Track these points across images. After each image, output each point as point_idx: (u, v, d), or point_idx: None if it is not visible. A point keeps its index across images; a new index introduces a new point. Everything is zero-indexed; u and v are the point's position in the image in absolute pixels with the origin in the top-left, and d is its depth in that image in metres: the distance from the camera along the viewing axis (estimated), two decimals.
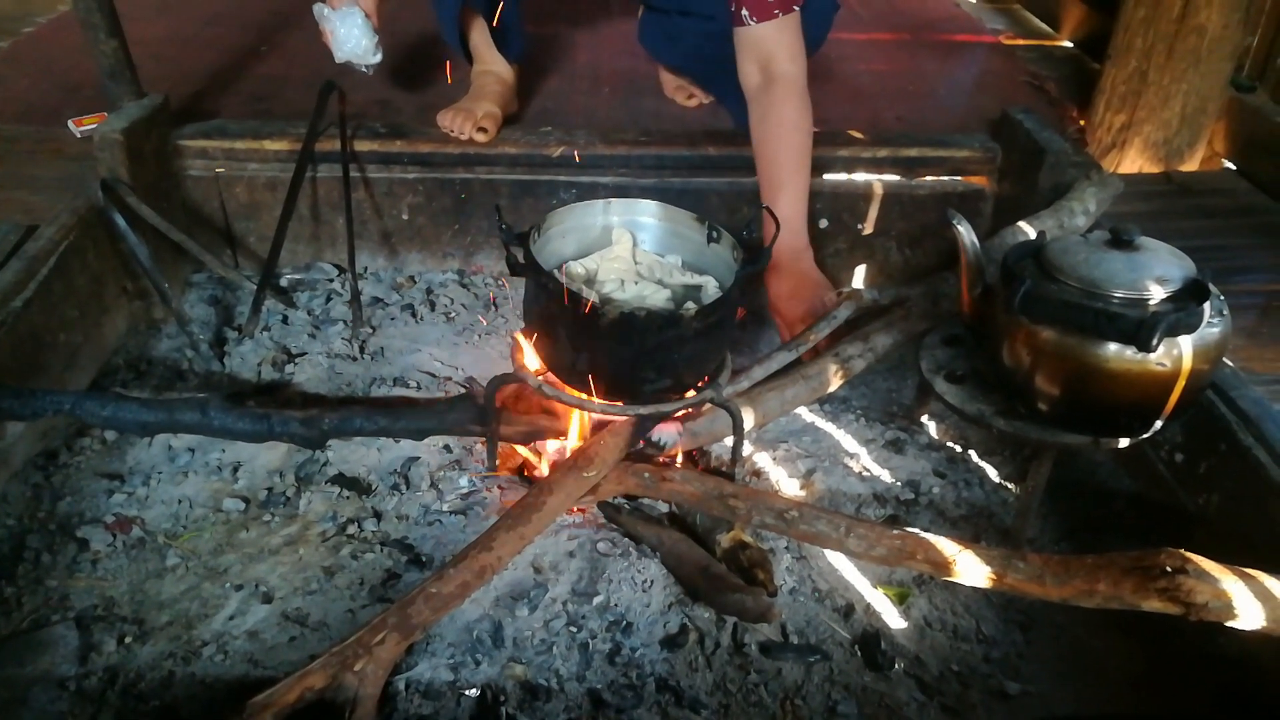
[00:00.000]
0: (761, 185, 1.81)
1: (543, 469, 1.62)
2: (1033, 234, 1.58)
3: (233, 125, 2.09)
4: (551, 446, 1.61)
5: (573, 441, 1.54)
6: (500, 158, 2.06)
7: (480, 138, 2.03)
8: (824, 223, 2.10)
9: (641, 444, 1.48)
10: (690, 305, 1.36)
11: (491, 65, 2.14)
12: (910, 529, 1.30)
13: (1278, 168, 2.16)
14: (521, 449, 1.64)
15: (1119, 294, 1.27)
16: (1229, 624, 1.13)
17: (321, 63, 2.55)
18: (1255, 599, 1.13)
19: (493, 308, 2.09)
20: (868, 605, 1.41)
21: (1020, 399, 1.40)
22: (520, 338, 1.49)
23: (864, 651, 1.34)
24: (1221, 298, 1.32)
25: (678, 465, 1.55)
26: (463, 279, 2.17)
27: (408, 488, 1.57)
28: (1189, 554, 1.15)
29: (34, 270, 1.62)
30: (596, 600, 1.37)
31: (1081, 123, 2.40)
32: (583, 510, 1.53)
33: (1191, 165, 2.32)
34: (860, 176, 2.07)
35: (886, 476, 1.65)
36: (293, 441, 1.54)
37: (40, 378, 1.62)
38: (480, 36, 2.11)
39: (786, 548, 1.48)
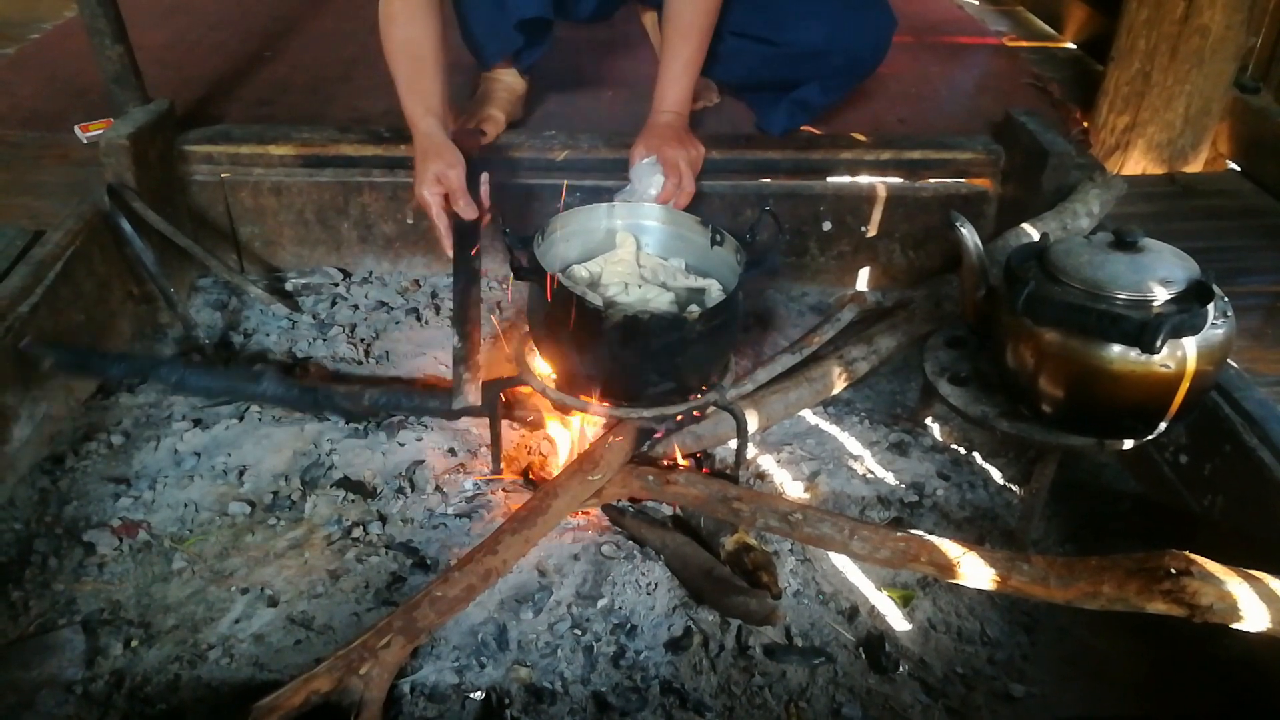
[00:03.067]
0: (662, 56, 1.89)
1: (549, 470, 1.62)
2: (1036, 236, 1.58)
3: (237, 130, 2.10)
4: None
5: (571, 442, 1.55)
6: (504, 161, 2.06)
7: (480, 139, 2.03)
8: (827, 225, 2.10)
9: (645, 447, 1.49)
10: (694, 308, 1.36)
11: (501, 74, 2.15)
12: (914, 531, 1.30)
13: None
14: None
15: (1122, 296, 1.27)
16: (1233, 626, 1.13)
17: (324, 67, 2.57)
18: (1260, 601, 1.12)
19: (497, 311, 2.09)
20: (872, 608, 1.41)
21: (1024, 401, 1.40)
22: (525, 341, 1.50)
23: (868, 654, 1.34)
24: (1226, 299, 1.32)
25: (682, 468, 1.55)
26: None
27: (412, 491, 1.58)
28: (1193, 556, 1.15)
29: (41, 275, 1.63)
30: (601, 603, 1.37)
31: (1085, 124, 2.39)
32: (587, 513, 1.53)
33: (1195, 166, 2.31)
34: (863, 179, 2.07)
35: (890, 479, 1.65)
36: (335, 413, 1.67)
37: (46, 383, 1.63)
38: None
39: (791, 550, 1.48)
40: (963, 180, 2.09)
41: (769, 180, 2.07)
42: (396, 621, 1.21)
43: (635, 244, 1.54)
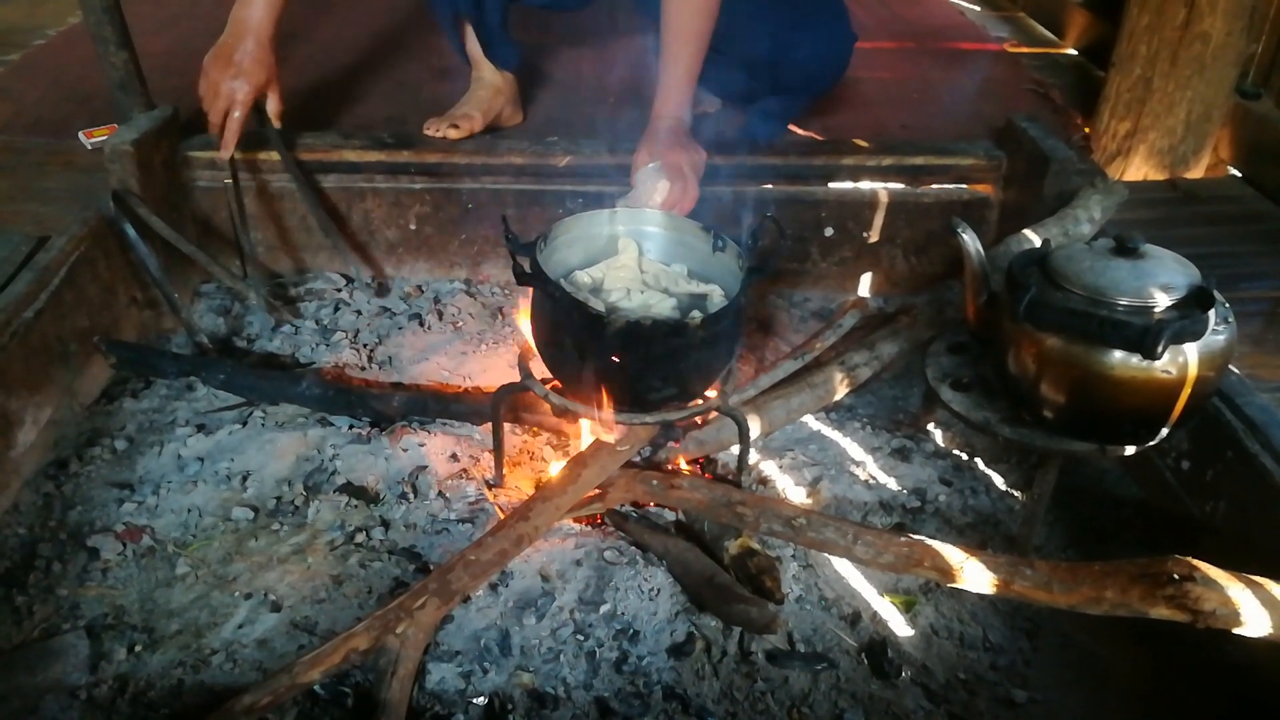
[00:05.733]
0: (661, 61, 1.83)
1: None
2: (1037, 242, 1.59)
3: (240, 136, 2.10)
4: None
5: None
6: (506, 168, 2.07)
7: (452, 134, 2.05)
8: (829, 231, 2.11)
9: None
10: (696, 314, 1.36)
11: (484, 72, 2.16)
12: (917, 536, 1.30)
13: None
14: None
15: (1124, 301, 1.28)
16: (1236, 631, 1.13)
17: (327, 74, 2.58)
18: (1262, 606, 1.13)
19: (500, 317, 2.10)
20: (874, 613, 1.42)
21: (1026, 406, 1.41)
22: (527, 347, 1.50)
23: (871, 659, 1.35)
24: (1227, 305, 1.32)
25: (685, 473, 1.55)
26: (470, 288, 2.18)
27: (415, 496, 1.58)
28: (1196, 561, 1.15)
29: (45, 281, 1.63)
30: (604, 609, 1.37)
31: (1086, 130, 2.40)
32: (589, 520, 1.53)
33: (1197, 172, 2.32)
34: (865, 185, 2.08)
35: (893, 484, 1.65)
36: (367, 415, 1.72)
37: (50, 388, 1.63)
38: (474, 44, 2.13)
39: (793, 556, 1.48)
40: (964, 186, 2.10)
41: (771, 186, 2.08)
42: (432, 584, 1.25)
43: (637, 250, 1.54)
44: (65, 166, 2.10)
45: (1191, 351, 1.26)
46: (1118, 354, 1.27)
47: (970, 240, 1.41)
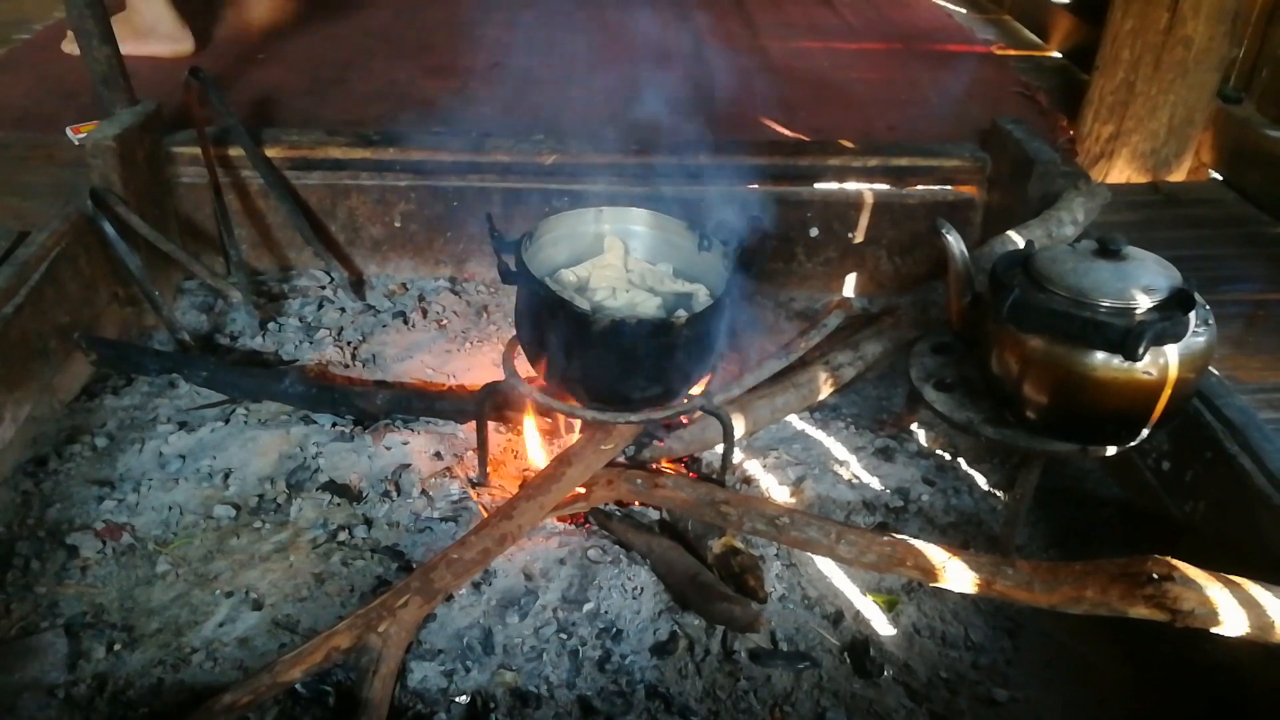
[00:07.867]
0: None
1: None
2: (1021, 243, 1.59)
3: (224, 132, 2.09)
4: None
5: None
6: (492, 166, 2.06)
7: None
8: (815, 231, 2.11)
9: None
10: (681, 313, 1.36)
11: None
12: (900, 536, 1.30)
13: (1264, 178, 2.18)
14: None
15: (1106, 303, 1.28)
16: (1214, 630, 1.14)
17: (317, 69, 2.57)
18: (1240, 606, 1.14)
19: (484, 315, 2.09)
20: (857, 612, 1.42)
21: (1009, 407, 1.41)
22: (512, 345, 1.50)
23: (853, 658, 1.35)
24: (1207, 307, 1.33)
25: (670, 472, 1.55)
26: (455, 286, 2.17)
27: (398, 495, 1.57)
28: (1175, 561, 1.16)
29: (25, 276, 1.62)
30: (587, 607, 1.37)
31: (1070, 133, 2.41)
32: (573, 519, 1.53)
33: (1179, 175, 2.34)
34: (851, 185, 2.08)
35: (876, 484, 1.65)
36: (350, 413, 1.72)
37: (29, 383, 1.62)
38: None
39: (776, 555, 1.48)
40: (949, 187, 2.10)
41: (757, 186, 2.08)
42: (414, 582, 1.25)
43: (623, 249, 1.54)
44: (47, 161, 2.08)
45: (1172, 353, 1.27)
46: (1099, 355, 1.28)
47: (955, 241, 1.41)
